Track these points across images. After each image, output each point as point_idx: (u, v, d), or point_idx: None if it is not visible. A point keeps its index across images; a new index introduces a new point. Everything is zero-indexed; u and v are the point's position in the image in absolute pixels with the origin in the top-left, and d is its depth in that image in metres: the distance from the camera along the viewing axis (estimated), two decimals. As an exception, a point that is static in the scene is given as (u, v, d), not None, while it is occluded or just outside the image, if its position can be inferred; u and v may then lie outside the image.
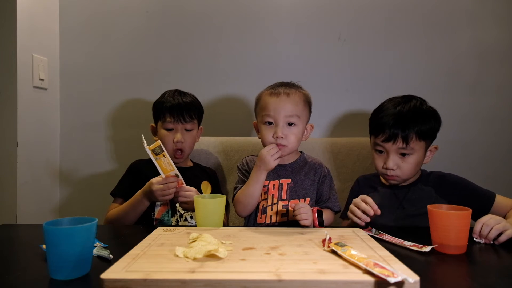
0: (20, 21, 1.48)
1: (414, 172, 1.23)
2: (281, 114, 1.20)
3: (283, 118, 1.20)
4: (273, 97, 1.22)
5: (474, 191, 1.19)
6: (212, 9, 1.75)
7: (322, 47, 1.75)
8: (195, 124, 1.42)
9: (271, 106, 1.21)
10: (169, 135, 1.38)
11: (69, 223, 0.74)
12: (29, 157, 1.55)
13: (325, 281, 0.63)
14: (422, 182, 1.26)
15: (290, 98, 1.21)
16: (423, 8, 1.75)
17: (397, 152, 1.19)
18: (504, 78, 1.76)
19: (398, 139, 1.17)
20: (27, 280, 0.70)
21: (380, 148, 1.23)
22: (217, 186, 1.47)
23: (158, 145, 1.18)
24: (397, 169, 1.20)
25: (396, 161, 1.19)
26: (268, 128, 1.22)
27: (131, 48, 1.76)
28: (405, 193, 1.24)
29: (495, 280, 0.71)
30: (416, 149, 1.19)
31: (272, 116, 1.21)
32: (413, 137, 1.17)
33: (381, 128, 1.21)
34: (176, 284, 0.63)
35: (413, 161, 1.20)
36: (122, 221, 1.26)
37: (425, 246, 0.87)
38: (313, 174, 1.28)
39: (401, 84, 1.73)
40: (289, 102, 1.21)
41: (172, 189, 1.19)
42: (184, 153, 1.40)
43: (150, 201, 1.24)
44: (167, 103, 1.38)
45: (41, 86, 1.61)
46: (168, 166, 1.21)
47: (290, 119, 1.21)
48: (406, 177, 1.23)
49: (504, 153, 1.76)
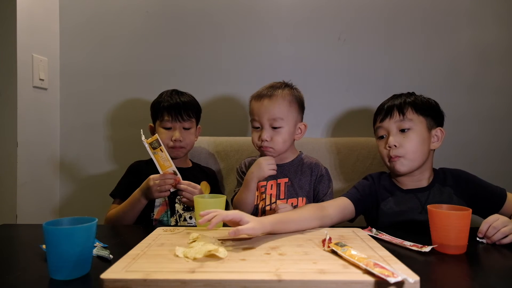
0: (20, 21, 1.48)
1: (418, 152, 1.18)
2: (265, 118, 1.23)
3: (267, 121, 1.23)
4: (257, 102, 1.25)
5: (487, 189, 1.18)
6: (212, 9, 1.75)
7: (322, 47, 1.76)
8: (193, 122, 1.42)
9: (255, 110, 1.25)
10: (167, 134, 1.38)
11: (69, 223, 0.74)
12: (29, 157, 1.55)
13: (325, 281, 0.63)
14: (439, 183, 1.22)
15: (272, 101, 1.23)
16: (422, 8, 1.75)
17: (397, 128, 1.19)
18: (503, 77, 1.76)
19: (394, 112, 1.19)
20: (27, 280, 0.70)
21: (380, 131, 1.23)
22: (216, 186, 1.47)
23: (155, 138, 1.21)
24: (399, 147, 1.17)
25: (397, 139, 1.18)
26: (255, 132, 1.27)
27: (131, 48, 1.76)
28: (427, 197, 1.20)
29: (495, 280, 0.71)
30: (416, 122, 1.18)
31: (257, 120, 1.25)
32: (408, 109, 1.18)
33: (378, 112, 1.25)
34: (176, 284, 0.63)
35: (414, 136, 1.17)
36: (121, 220, 1.26)
37: (425, 246, 0.87)
38: (309, 174, 1.28)
39: (401, 84, 1.73)
40: (271, 105, 1.22)
41: (168, 186, 1.19)
42: (184, 149, 1.40)
43: (147, 199, 1.24)
44: (164, 103, 1.38)
45: (41, 86, 1.61)
46: (165, 162, 1.22)
47: (274, 123, 1.23)
48: (412, 157, 1.18)
49: (503, 152, 1.77)
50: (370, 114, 1.62)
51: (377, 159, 1.61)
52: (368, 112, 1.74)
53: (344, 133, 1.76)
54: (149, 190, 1.20)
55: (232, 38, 1.75)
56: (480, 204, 1.14)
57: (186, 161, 1.48)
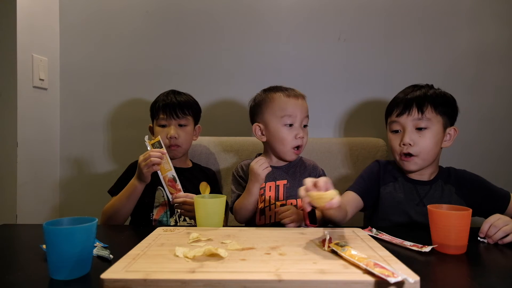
0: (20, 21, 1.48)
1: (432, 151, 1.18)
2: (300, 116, 1.25)
3: (301, 120, 1.25)
4: (292, 99, 1.25)
5: (491, 191, 1.19)
6: (212, 9, 1.75)
7: (322, 47, 1.75)
8: (189, 120, 1.41)
9: (290, 107, 1.24)
10: (163, 131, 1.37)
11: (69, 223, 0.74)
12: (29, 157, 1.55)
13: (325, 281, 0.63)
14: (442, 180, 1.23)
15: (304, 102, 1.28)
16: (422, 8, 1.74)
17: (414, 126, 1.17)
18: (503, 77, 1.76)
19: (413, 109, 1.16)
20: (27, 280, 0.70)
21: (395, 126, 1.21)
22: (216, 187, 1.47)
23: (157, 140, 1.25)
24: (414, 145, 1.16)
25: (412, 137, 1.17)
26: (289, 130, 1.25)
27: (131, 48, 1.76)
28: (427, 191, 1.21)
29: (495, 280, 0.71)
30: (433, 122, 1.16)
31: (292, 117, 1.24)
32: (428, 106, 1.15)
33: (394, 105, 1.22)
34: (176, 284, 0.63)
35: (431, 136, 1.16)
36: (118, 212, 1.25)
37: (425, 246, 0.87)
38: (308, 175, 1.28)
39: (401, 84, 1.71)
40: (304, 104, 1.27)
41: (155, 159, 1.18)
42: (181, 148, 1.39)
43: (141, 181, 1.22)
44: (160, 102, 1.39)
45: (41, 86, 1.61)
46: (165, 164, 1.24)
47: (305, 121, 1.27)
48: (425, 157, 1.18)
49: (503, 152, 1.77)
50: (370, 114, 1.62)
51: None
52: (368, 112, 1.74)
53: (344, 133, 1.76)
54: (139, 170, 1.21)
55: (232, 38, 1.75)
56: (484, 206, 1.14)
57: (186, 161, 1.48)
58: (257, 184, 1.17)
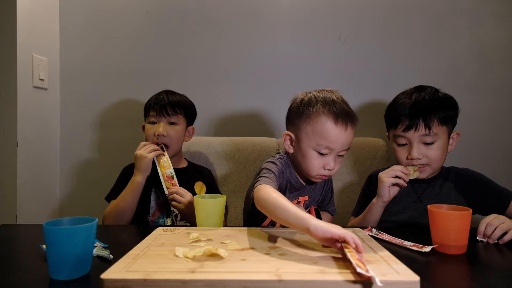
0: (20, 21, 1.48)
1: (442, 159, 1.19)
2: (340, 148, 1.09)
3: (338, 151, 1.10)
4: (339, 128, 1.06)
5: (493, 189, 1.18)
6: (212, 9, 1.75)
7: (322, 47, 1.75)
8: (180, 119, 1.39)
9: (333, 138, 1.05)
10: (152, 128, 1.36)
11: (69, 223, 0.74)
12: (29, 157, 1.55)
13: (325, 281, 0.63)
14: (442, 177, 1.23)
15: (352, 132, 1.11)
16: (422, 8, 1.75)
17: (421, 140, 1.16)
18: (503, 77, 1.76)
19: (420, 126, 1.14)
20: (27, 280, 0.70)
21: (401, 140, 1.19)
22: (212, 186, 1.44)
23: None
24: (423, 157, 1.16)
25: (421, 150, 1.16)
26: (320, 157, 1.08)
27: (131, 48, 1.76)
28: (425, 188, 1.22)
29: (495, 280, 0.70)
30: (440, 134, 1.16)
31: (329, 149, 1.07)
32: (434, 121, 1.14)
33: (398, 118, 1.18)
34: (176, 284, 0.63)
35: (438, 147, 1.16)
36: (121, 211, 1.25)
37: (425, 246, 0.86)
38: (323, 184, 1.28)
39: (401, 83, 1.70)
40: (351, 134, 1.10)
41: (150, 145, 1.28)
42: (169, 148, 1.36)
43: (141, 173, 1.25)
44: (152, 101, 1.40)
45: (41, 86, 1.61)
46: (165, 163, 1.28)
47: (344, 152, 1.12)
48: (436, 166, 1.18)
49: (503, 152, 1.77)
50: (370, 114, 1.61)
51: (377, 159, 1.61)
52: (368, 112, 1.74)
53: (344, 133, 1.76)
54: (137, 160, 1.24)
55: (232, 38, 1.75)
56: (485, 204, 1.14)
57: (179, 161, 1.45)
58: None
